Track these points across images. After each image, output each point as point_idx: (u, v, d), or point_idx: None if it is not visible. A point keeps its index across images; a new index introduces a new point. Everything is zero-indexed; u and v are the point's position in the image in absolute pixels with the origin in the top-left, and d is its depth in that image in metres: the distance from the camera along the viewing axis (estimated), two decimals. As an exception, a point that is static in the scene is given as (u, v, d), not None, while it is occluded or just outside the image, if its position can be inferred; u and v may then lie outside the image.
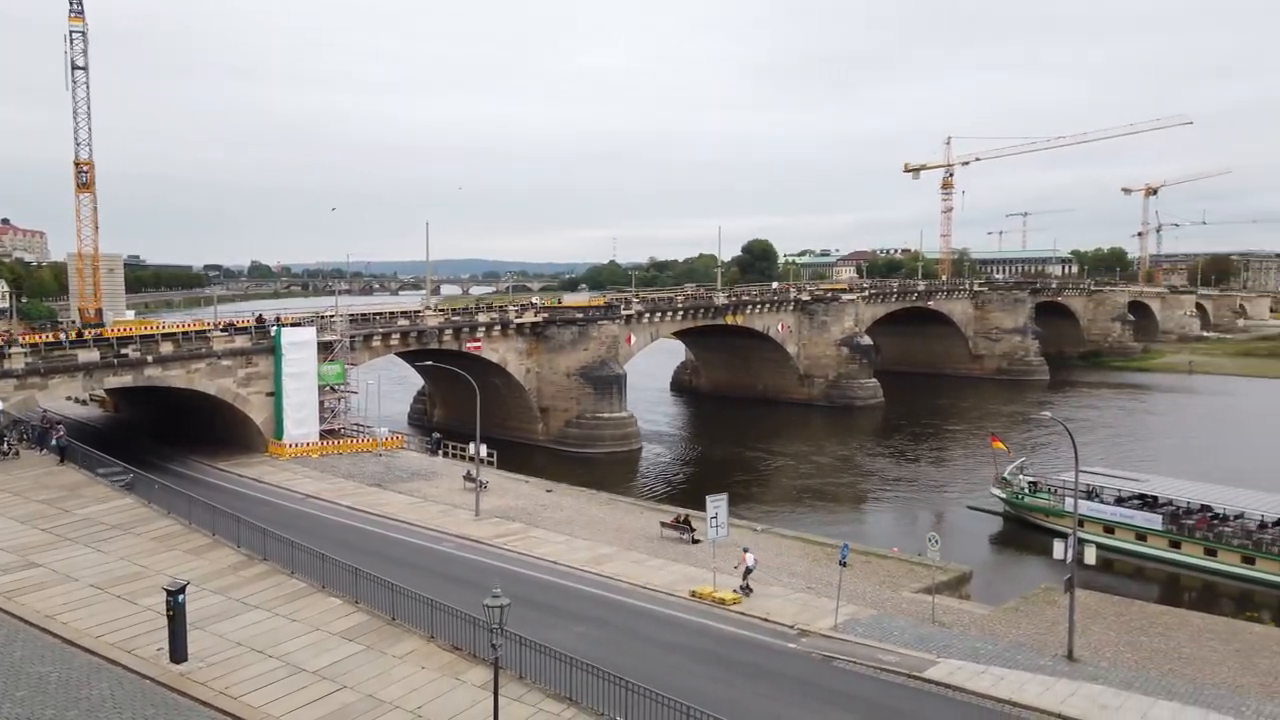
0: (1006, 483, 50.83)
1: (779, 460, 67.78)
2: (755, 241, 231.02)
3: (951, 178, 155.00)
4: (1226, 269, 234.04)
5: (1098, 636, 27.12)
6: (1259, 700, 22.59)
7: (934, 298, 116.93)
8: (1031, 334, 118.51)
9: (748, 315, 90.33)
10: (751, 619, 27.70)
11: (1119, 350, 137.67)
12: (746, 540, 37.26)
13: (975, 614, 29.71)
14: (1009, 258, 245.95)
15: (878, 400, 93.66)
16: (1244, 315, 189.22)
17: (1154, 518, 43.59)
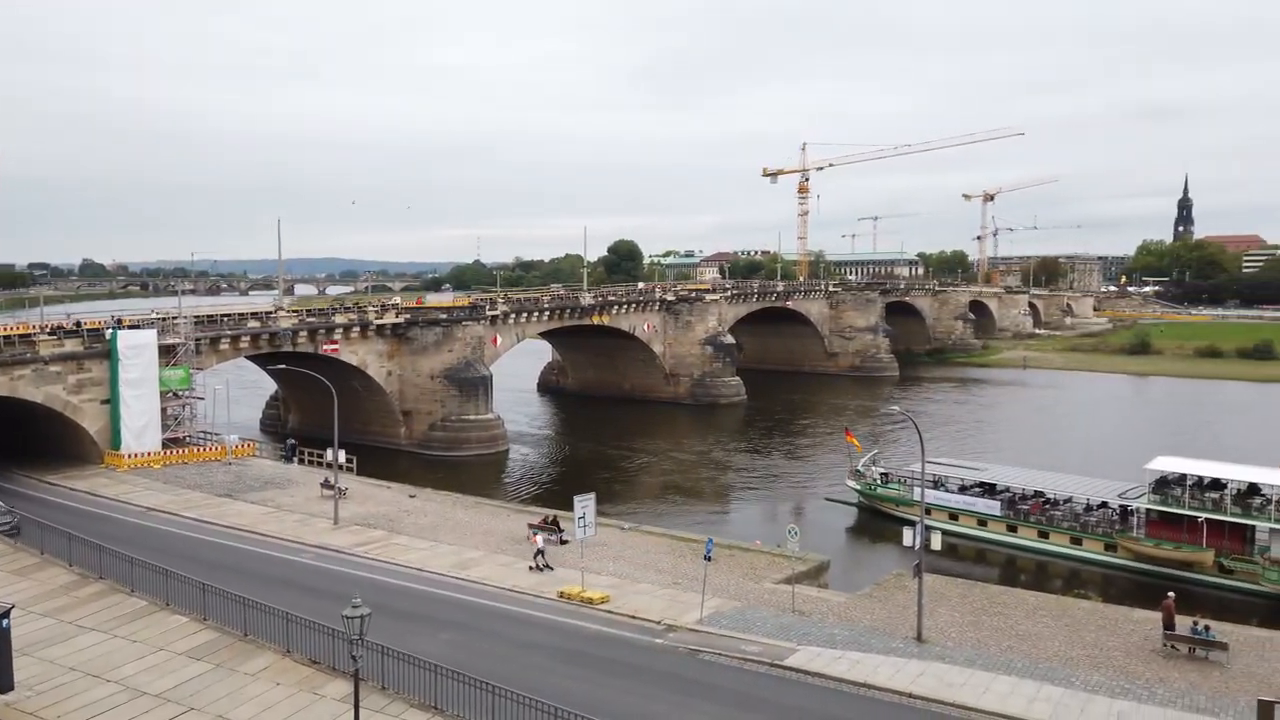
0: (860, 475, 53.13)
1: (646, 458, 68.54)
2: (621, 242, 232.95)
3: (807, 182, 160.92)
4: (1055, 270, 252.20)
5: (944, 618, 28.70)
6: (1086, 671, 24.48)
7: (792, 298, 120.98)
8: (883, 332, 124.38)
9: (614, 315, 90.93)
10: (619, 616, 27.90)
11: (961, 347, 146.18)
12: (614, 539, 37.52)
13: (833, 602, 30.91)
14: (861, 259, 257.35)
15: (740, 397, 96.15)
16: (1071, 314, 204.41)
17: (993, 504, 46.50)
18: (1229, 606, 35.66)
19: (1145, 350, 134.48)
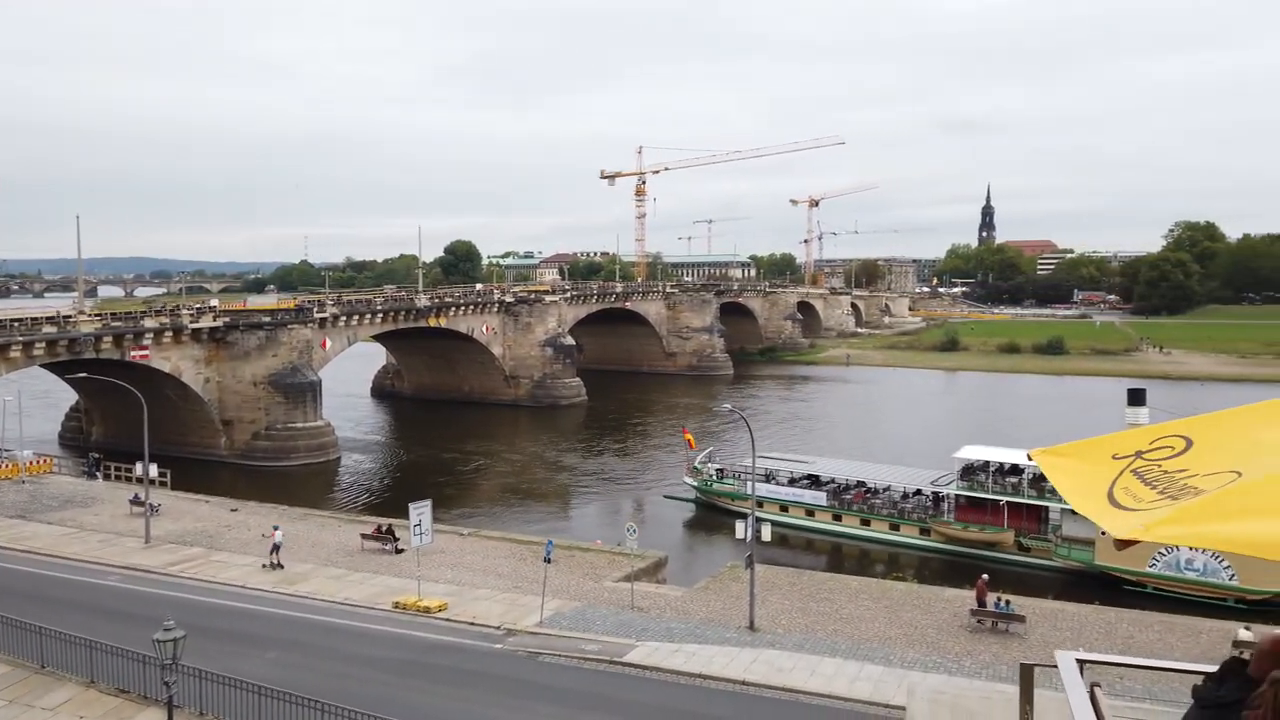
0: (697, 471, 54.50)
1: (486, 462, 67.68)
2: (458, 242, 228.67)
3: (644, 185, 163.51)
4: (875, 273, 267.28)
5: (775, 606, 29.92)
6: (903, 648, 26.15)
7: (631, 299, 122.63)
8: (718, 332, 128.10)
9: (451, 317, 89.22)
10: (457, 624, 27.45)
11: (791, 346, 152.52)
12: (452, 546, 36.87)
13: (670, 597, 31.60)
14: (697, 262, 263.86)
15: (581, 398, 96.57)
16: (889, 313, 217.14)
17: (820, 495, 48.84)
18: (1028, 582, 38.91)
19: (954, 347, 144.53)
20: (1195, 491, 2.67)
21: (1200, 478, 2.74)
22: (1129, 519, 2.53)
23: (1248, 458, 2.75)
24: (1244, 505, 2.45)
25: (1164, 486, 2.79)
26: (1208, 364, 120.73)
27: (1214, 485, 2.64)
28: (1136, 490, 2.86)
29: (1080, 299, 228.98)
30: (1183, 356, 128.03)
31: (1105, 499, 2.87)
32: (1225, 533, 2.42)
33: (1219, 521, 2.41)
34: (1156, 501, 2.70)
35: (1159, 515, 2.52)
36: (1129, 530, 2.52)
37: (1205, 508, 2.47)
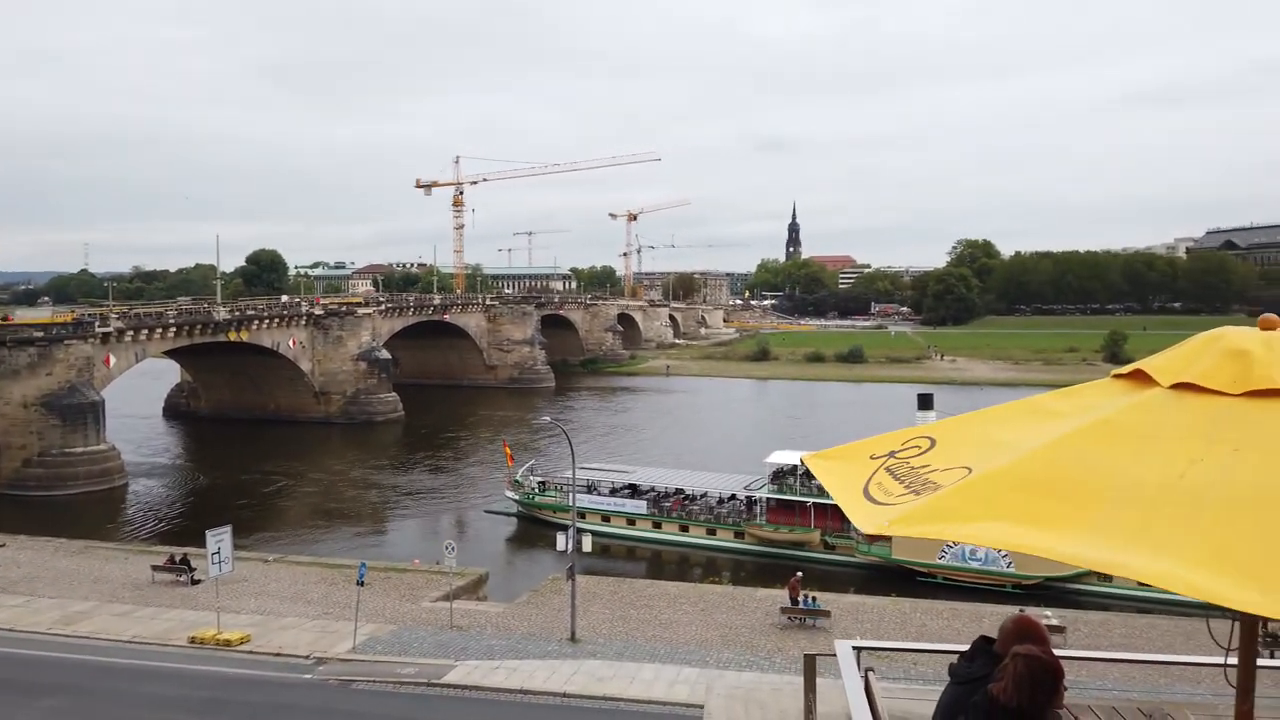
0: (519, 484, 54.10)
1: (292, 483, 64.29)
2: (262, 251, 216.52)
3: (462, 195, 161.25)
4: (691, 286, 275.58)
5: (597, 616, 30.14)
6: (719, 649, 26.99)
7: (450, 311, 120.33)
8: (539, 344, 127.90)
9: (254, 331, 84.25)
10: (262, 656, 25.90)
11: (612, 357, 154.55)
12: (256, 574, 34.79)
13: (491, 613, 31.17)
14: (518, 273, 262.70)
15: (398, 414, 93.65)
16: (705, 325, 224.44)
17: (640, 504, 49.69)
18: (834, 578, 41.13)
19: (765, 357, 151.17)
20: (935, 486, 2.94)
21: (939, 473, 3.02)
22: (877, 514, 2.76)
23: (979, 455, 3.06)
24: (966, 500, 2.72)
25: (909, 482, 3.05)
26: (986, 370, 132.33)
27: (949, 480, 2.91)
28: (888, 485, 3.12)
29: (877, 311, 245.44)
30: (966, 363, 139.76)
31: (862, 495, 3.12)
32: (951, 527, 2.68)
33: (944, 517, 2.66)
34: (902, 496, 2.96)
35: (900, 511, 2.77)
36: (875, 526, 2.74)
37: (936, 504, 2.73)
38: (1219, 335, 3.14)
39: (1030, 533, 2.56)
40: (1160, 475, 2.64)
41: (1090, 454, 2.84)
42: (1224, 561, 2.28)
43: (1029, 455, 2.90)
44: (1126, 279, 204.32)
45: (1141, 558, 2.37)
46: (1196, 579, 2.25)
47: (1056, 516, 2.59)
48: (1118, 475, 2.71)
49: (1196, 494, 2.54)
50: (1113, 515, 2.56)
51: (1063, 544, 2.47)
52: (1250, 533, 2.35)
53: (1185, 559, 2.32)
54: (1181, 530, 2.43)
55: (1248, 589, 2.19)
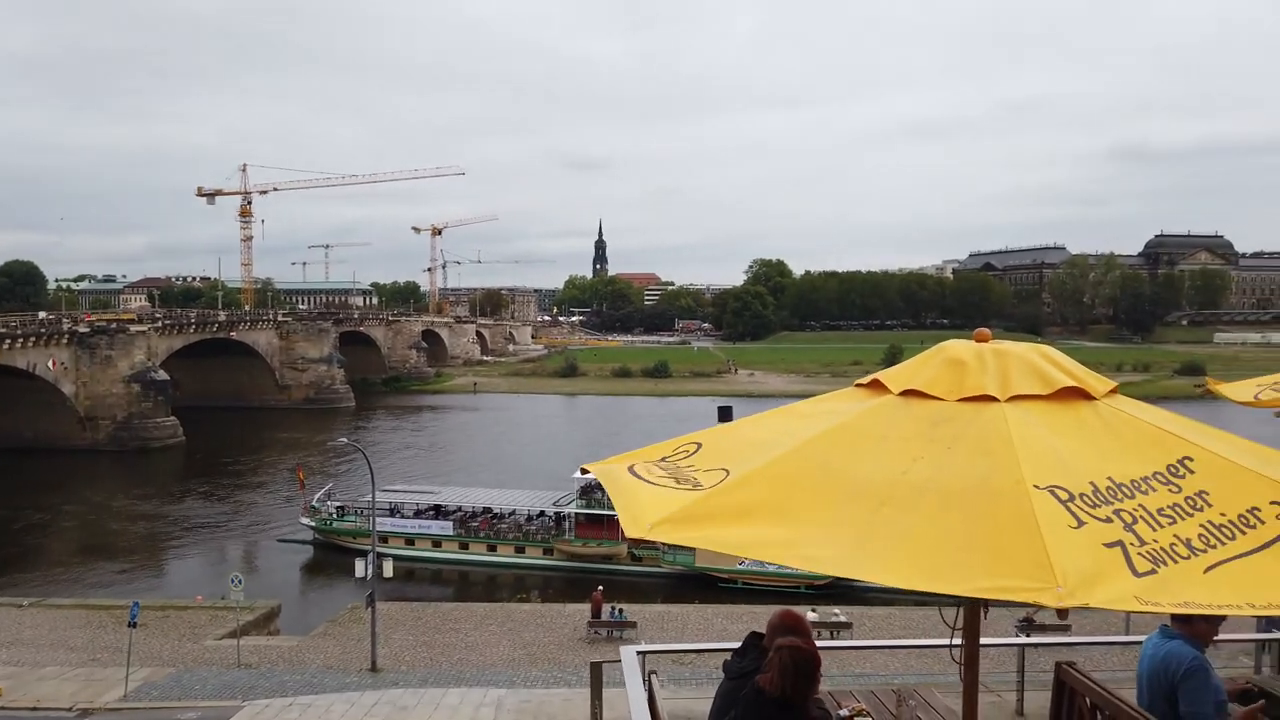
0: (316, 510, 51.47)
1: (51, 518, 58.07)
2: (15, 263, 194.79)
3: (250, 205, 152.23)
4: (499, 302, 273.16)
5: (399, 643, 29.15)
6: (526, 668, 26.79)
7: (237, 328, 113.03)
8: (337, 362, 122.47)
9: (6, 351, 75.59)
10: (16, 711, 23.14)
11: (417, 375, 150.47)
12: (8, 620, 31.16)
13: (284, 647, 29.45)
14: (313, 289, 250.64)
15: (178, 439, 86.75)
16: (513, 341, 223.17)
17: (446, 525, 48.58)
18: (641, 589, 41.91)
19: (574, 373, 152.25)
20: (697, 485, 3.12)
21: (702, 473, 3.21)
22: (641, 518, 2.89)
23: (738, 458, 3.27)
24: (723, 504, 2.91)
25: (678, 478, 3.22)
26: (781, 382, 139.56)
27: (709, 482, 3.10)
28: (655, 470, 3.28)
29: (681, 327, 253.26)
30: (763, 376, 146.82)
31: (626, 470, 3.27)
32: (704, 532, 2.86)
33: (701, 523, 2.84)
34: (661, 478, 3.13)
35: (662, 515, 2.91)
36: (639, 530, 2.87)
37: (693, 509, 2.90)
38: (942, 348, 3.51)
39: (776, 539, 2.77)
40: (888, 472, 2.93)
41: (830, 455, 3.11)
42: (938, 551, 2.57)
43: (778, 458, 3.13)
44: (903, 297, 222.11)
45: (867, 560, 2.63)
46: (912, 572, 2.52)
47: (799, 515, 2.82)
48: (852, 473, 2.99)
49: (917, 487, 2.84)
50: (847, 510, 2.81)
51: (803, 550, 2.70)
52: (958, 521, 2.65)
53: (906, 552, 2.60)
54: (905, 521, 2.71)
55: (955, 577, 2.48)
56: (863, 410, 3.37)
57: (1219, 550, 2.58)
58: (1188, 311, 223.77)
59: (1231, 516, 2.70)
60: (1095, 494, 2.71)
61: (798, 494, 2.91)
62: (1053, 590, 2.31)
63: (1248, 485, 2.84)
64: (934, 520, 2.68)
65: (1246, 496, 2.78)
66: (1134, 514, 2.67)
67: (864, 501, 2.82)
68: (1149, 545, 2.56)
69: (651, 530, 2.84)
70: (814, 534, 2.75)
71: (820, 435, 3.24)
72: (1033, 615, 29.31)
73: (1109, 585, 2.38)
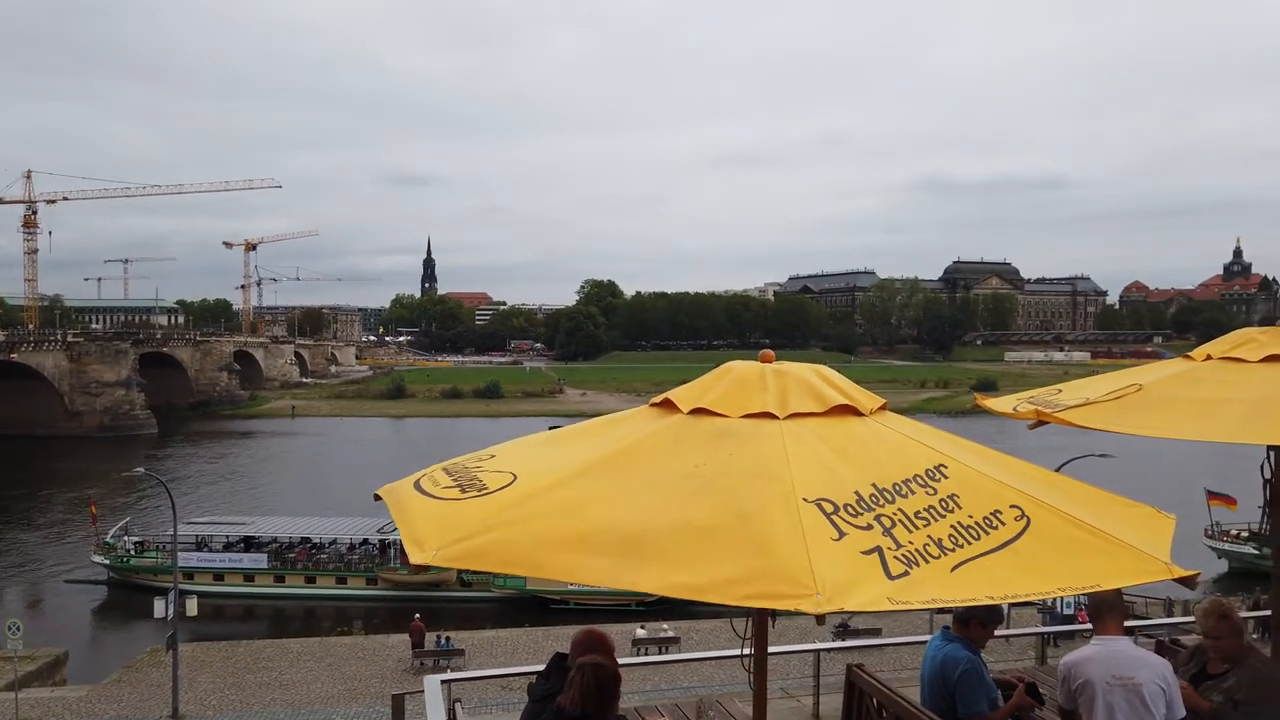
0: (110, 547, 47.35)
1: None
2: None
3: (35, 215, 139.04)
4: (320, 321, 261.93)
5: (206, 686, 27.19)
6: (346, 704, 25.63)
7: (19, 349, 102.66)
8: (137, 386, 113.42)
9: None
10: None
11: (228, 399, 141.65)
12: None
13: (71, 698, 26.84)
14: (111, 306, 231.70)
15: (-55, 474, 77.64)
16: (336, 362, 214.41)
17: (260, 557, 45.86)
18: (472, 615, 41.03)
19: (401, 394, 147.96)
20: (481, 486, 3.12)
21: (489, 474, 3.22)
22: (426, 548, 2.84)
23: (525, 469, 3.28)
24: (506, 518, 2.92)
25: (459, 478, 3.21)
26: (614, 402, 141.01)
27: (495, 485, 3.11)
28: (439, 479, 3.24)
29: (513, 347, 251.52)
30: (595, 396, 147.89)
31: (412, 487, 3.22)
32: (486, 555, 2.85)
33: (483, 546, 2.83)
34: (449, 489, 3.11)
35: (447, 537, 2.88)
36: (421, 556, 2.82)
37: (475, 528, 2.89)
38: (728, 368, 3.67)
39: (558, 560, 2.80)
40: (669, 487, 3.03)
41: (616, 471, 3.18)
42: (709, 562, 2.67)
43: (564, 477, 3.17)
44: (729, 317, 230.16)
45: (640, 571, 2.70)
46: (683, 583, 2.62)
47: (580, 531, 2.86)
48: (635, 489, 3.07)
49: (695, 500, 2.94)
50: (626, 524, 2.87)
51: (582, 565, 2.75)
52: (730, 533, 2.77)
53: (678, 564, 2.68)
54: (681, 533, 2.80)
55: (723, 587, 2.59)
56: (653, 428, 3.46)
57: (965, 549, 2.82)
58: (982, 332, 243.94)
59: (978, 519, 2.96)
60: (859, 502, 2.90)
61: (580, 511, 2.95)
62: (812, 598, 2.45)
63: (992, 491, 3.12)
64: (707, 532, 2.78)
65: (991, 501, 3.05)
66: (893, 517, 2.88)
67: (643, 515, 2.89)
68: (905, 548, 2.76)
69: (436, 556, 2.79)
70: (593, 548, 2.79)
71: (610, 453, 3.30)
72: (847, 621, 30.94)
73: (865, 589, 2.55)
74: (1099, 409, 4.93)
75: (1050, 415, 4.98)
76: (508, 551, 2.81)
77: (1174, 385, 5.09)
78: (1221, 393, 4.81)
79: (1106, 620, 4.79)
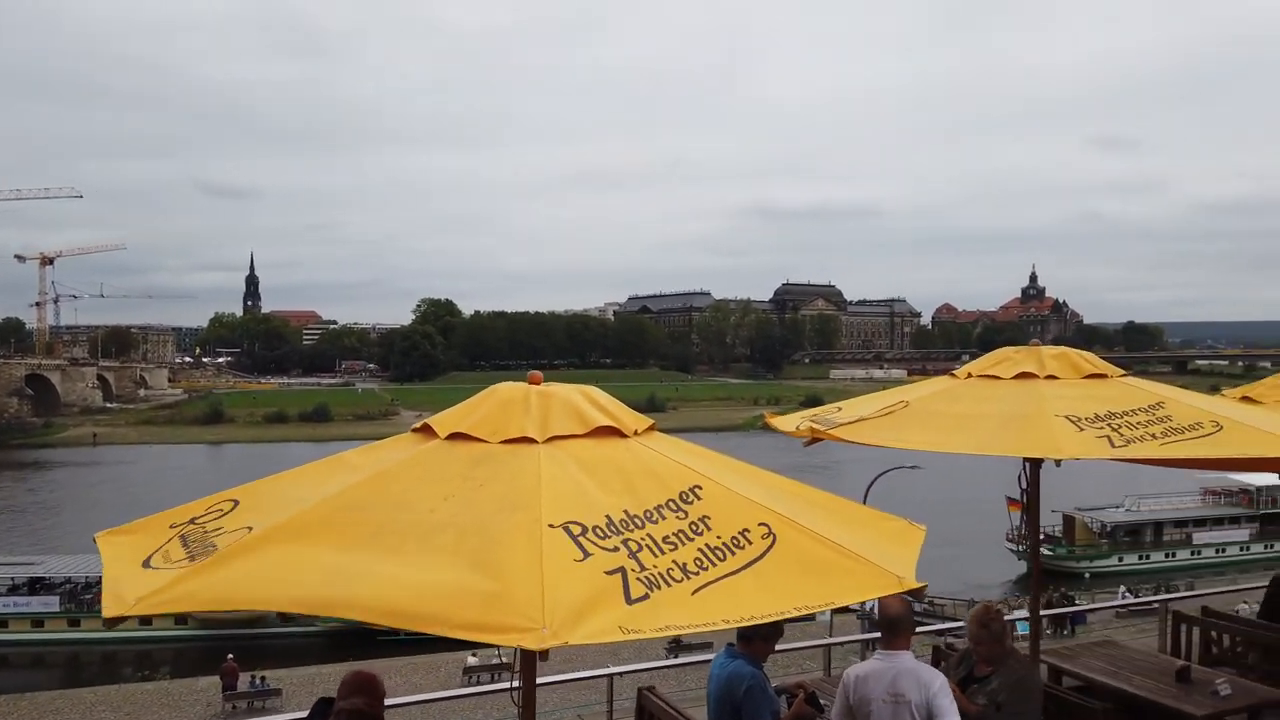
0: None
1: None
2: None
3: None
4: (128, 341, 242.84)
5: (-23, 748, 24.44)
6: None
7: None
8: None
9: None
10: None
11: (19, 426, 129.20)
12: None
13: None
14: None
15: None
16: (146, 385, 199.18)
17: (51, 600, 41.89)
18: (295, 650, 38.85)
19: (220, 419, 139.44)
20: (214, 549, 2.86)
21: (225, 535, 2.95)
22: (127, 592, 2.59)
23: (268, 512, 3.05)
24: (232, 564, 2.70)
25: (194, 550, 2.93)
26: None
27: (227, 543, 2.85)
28: (173, 553, 2.95)
29: (344, 368, 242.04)
30: (430, 418, 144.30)
31: (140, 566, 2.91)
32: (206, 594, 2.63)
33: (199, 591, 2.61)
34: (180, 563, 2.82)
35: (161, 582, 2.63)
36: (119, 608, 2.57)
37: (191, 574, 2.66)
38: (492, 391, 3.57)
39: (279, 592, 2.61)
40: (412, 515, 2.89)
41: (359, 501, 3.02)
42: (440, 591, 2.55)
43: (309, 509, 2.98)
44: (569, 337, 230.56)
45: (359, 601, 2.55)
46: (402, 613, 2.49)
47: (309, 563, 2.68)
48: (375, 518, 2.92)
49: (438, 529, 2.82)
50: (358, 554, 2.72)
51: (307, 594, 2.57)
52: (466, 562, 2.66)
53: (404, 593, 2.55)
54: (413, 563, 2.67)
55: (446, 619, 2.48)
56: (407, 456, 3.32)
57: (710, 572, 2.83)
58: (810, 351, 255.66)
59: (725, 539, 2.98)
60: (608, 526, 2.86)
61: (315, 543, 2.78)
62: (536, 632, 2.36)
63: (743, 509, 3.15)
64: (440, 561, 2.67)
65: (740, 520, 3.08)
66: (640, 542, 2.85)
67: (377, 545, 2.76)
68: (648, 571, 2.74)
69: (137, 606, 2.54)
70: (320, 578, 2.63)
71: (357, 484, 3.14)
72: (678, 638, 31.38)
73: (598, 618, 2.48)
74: (868, 425, 5.16)
75: (824, 433, 5.18)
76: (216, 591, 2.60)
77: (936, 401, 5.41)
78: (977, 408, 5.15)
79: (893, 634, 4.94)
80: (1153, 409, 4.98)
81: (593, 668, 8.05)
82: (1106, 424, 4.80)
